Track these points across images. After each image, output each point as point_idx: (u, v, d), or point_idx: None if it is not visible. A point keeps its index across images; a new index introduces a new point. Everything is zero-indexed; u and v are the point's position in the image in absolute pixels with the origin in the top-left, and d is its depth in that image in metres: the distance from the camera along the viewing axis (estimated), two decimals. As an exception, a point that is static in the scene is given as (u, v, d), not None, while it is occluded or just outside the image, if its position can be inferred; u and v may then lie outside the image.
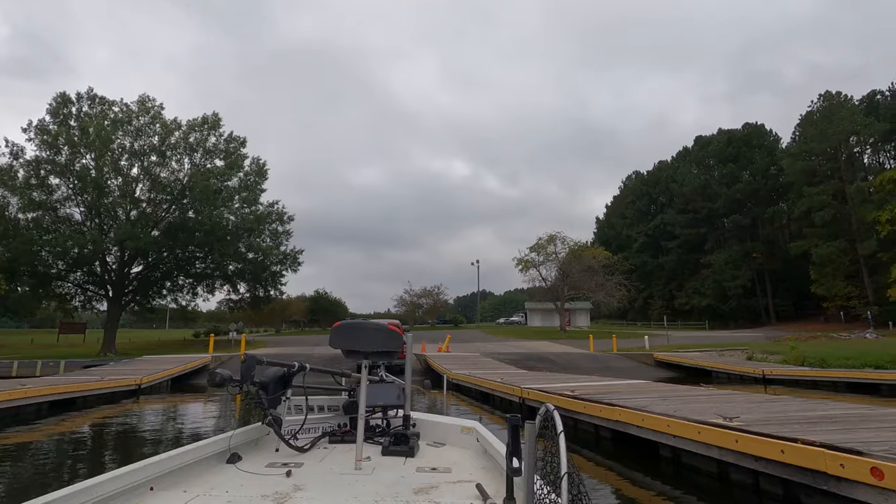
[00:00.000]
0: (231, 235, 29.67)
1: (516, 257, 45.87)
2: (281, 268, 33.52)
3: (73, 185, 27.28)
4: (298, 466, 2.86)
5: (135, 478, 2.30)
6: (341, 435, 3.57)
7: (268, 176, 33.28)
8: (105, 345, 27.83)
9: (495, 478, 2.62)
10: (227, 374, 3.05)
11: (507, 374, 11.69)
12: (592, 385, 9.20)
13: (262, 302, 35.01)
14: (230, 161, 30.72)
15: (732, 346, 20.73)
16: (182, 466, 2.62)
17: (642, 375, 16.16)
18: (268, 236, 32.89)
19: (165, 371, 12.80)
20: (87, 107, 29.43)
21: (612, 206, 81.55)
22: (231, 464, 2.88)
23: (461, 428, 3.54)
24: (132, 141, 29.31)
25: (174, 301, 34.67)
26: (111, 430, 7.99)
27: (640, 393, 7.73)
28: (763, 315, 53.16)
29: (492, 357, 18.30)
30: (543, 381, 9.91)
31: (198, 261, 31.46)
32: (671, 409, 5.82)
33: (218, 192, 28.87)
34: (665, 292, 63.63)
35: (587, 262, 42.85)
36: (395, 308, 64.28)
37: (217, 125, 31.03)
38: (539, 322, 61.95)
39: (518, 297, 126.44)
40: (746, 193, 54.32)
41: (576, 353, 21.33)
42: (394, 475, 2.73)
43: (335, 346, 3.14)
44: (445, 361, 15.19)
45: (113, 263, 29.52)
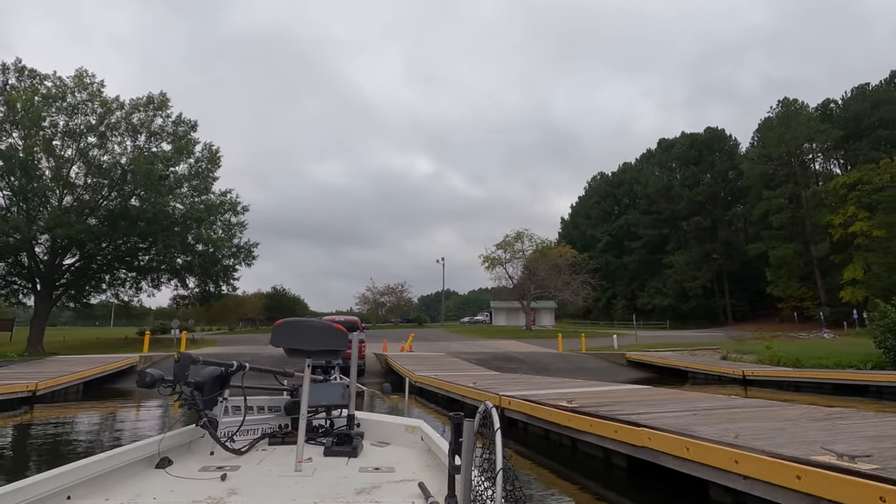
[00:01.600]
0: (178, 225, 27.40)
1: (482, 254, 45.20)
2: (234, 261, 31.43)
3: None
4: (234, 469, 2.74)
5: (49, 486, 2.13)
6: (282, 436, 3.45)
7: (221, 164, 31.14)
8: (31, 343, 25.15)
9: (438, 476, 2.57)
10: (157, 373, 2.88)
11: (480, 378, 10.45)
12: (585, 392, 7.87)
13: (213, 297, 32.71)
14: (178, 146, 28.37)
15: (702, 346, 20.47)
16: (104, 473, 2.44)
17: (616, 376, 15.44)
18: (220, 227, 30.71)
19: (74, 374, 10.84)
20: (15, 79, 26.46)
21: (577, 206, 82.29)
22: (160, 469, 2.71)
23: (406, 427, 3.48)
24: (67, 119, 26.57)
25: (115, 296, 31.95)
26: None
27: (654, 403, 6.23)
28: (721, 315, 54.52)
29: (458, 357, 17.20)
30: (524, 387, 8.61)
31: (141, 252, 28.97)
32: (723, 432, 4.19)
33: (163, 177, 26.55)
34: (628, 292, 64.52)
35: (553, 261, 42.56)
36: (358, 306, 62.49)
37: (164, 105, 28.64)
38: (504, 321, 61.61)
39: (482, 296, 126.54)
40: (707, 196, 55.60)
41: (544, 353, 20.53)
42: (335, 476, 2.67)
43: (277, 345, 2.96)
44: (408, 362, 13.95)
45: (43, 254, 26.73)
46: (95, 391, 11.46)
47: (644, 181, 62.66)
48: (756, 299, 54.15)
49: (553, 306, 58.16)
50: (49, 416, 8.48)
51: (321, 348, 2.94)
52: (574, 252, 44.90)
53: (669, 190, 58.21)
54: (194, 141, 29.56)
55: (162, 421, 8.14)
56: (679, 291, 54.38)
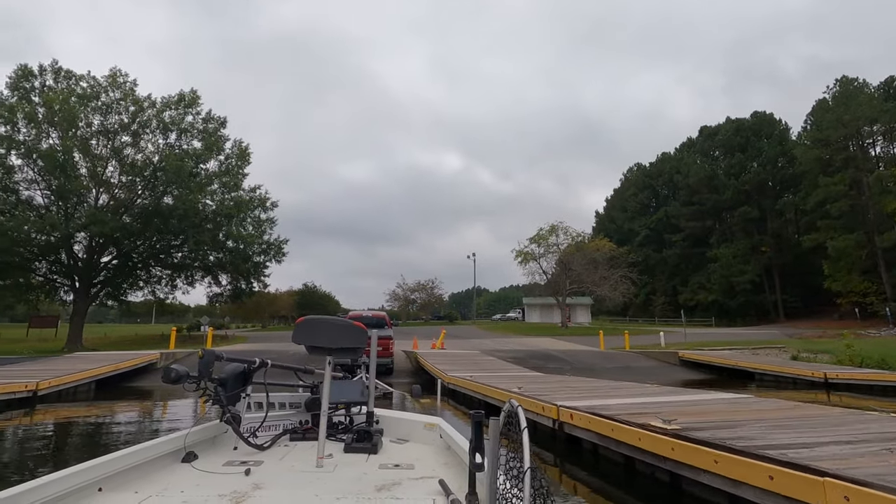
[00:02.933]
0: (208, 222, 27.38)
1: (515, 249, 43.76)
2: (264, 258, 31.30)
3: (34, 165, 24.87)
4: (258, 465, 2.75)
5: (82, 478, 2.16)
6: (303, 432, 3.49)
7: (250, 160, 31.02)
8: (70, 339, 25.63)
9: (458, 474, 2.55)
10: (183, 370, 2.93)
11: (523, 380, 9.07)
12: (670, 402, 5.96)
13: (244, 294, 32.70)
14: (208, 142, 28.35)
15: (762, 345, 18.60)
16: (133, 466, 2.47)
17: (670, 377, 13.98)
18: (250, 224, 30.61)
19: (82, 372, 10.14)
20: (52, 81, 26.93)
21: (612, 199, 79.46)
22: (186, 463, 2.73)
23: (424, 424, 3.46)
24: (102, 119, 26.89)
25: (152, 294, 32.36)
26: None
27: (794, 425, 4.37)
28: (772, 311, 51.19)
29: (492, 355, 16.07)
30: (583, 393, 6.93)
31: (174, 250, 29.14)
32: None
33: (193, 174, 26.54)
34: (668, 287, 61.61)
35: (590, 255, 40.72)
36: (388, 303, 62.06)
37: (195, 103, 28.66)
38: (537, 318, 60.05)
39: (513, 293, 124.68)
40: (755, 184, 52.22)
41: (586, 352, 19.14)
42: (356, 472, 2.68)
43: (298, 342, 2.91)
44: (440, 360, 12.94)
45: (81, 252, 27.20)
46: (110, 390, 10.84)
47: (685, 171, 59.55)
48: (810, 294, 50.56)
49: (589, 302, 56.14)
50: (45, 420, 7.72)
51: (342, 346, 2.94)
52: (612, 245, 42.86)
53: (713, 179, 55.05)
54: (224, 138, 29.56)
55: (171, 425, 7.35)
56: (725, 286, 51.31)
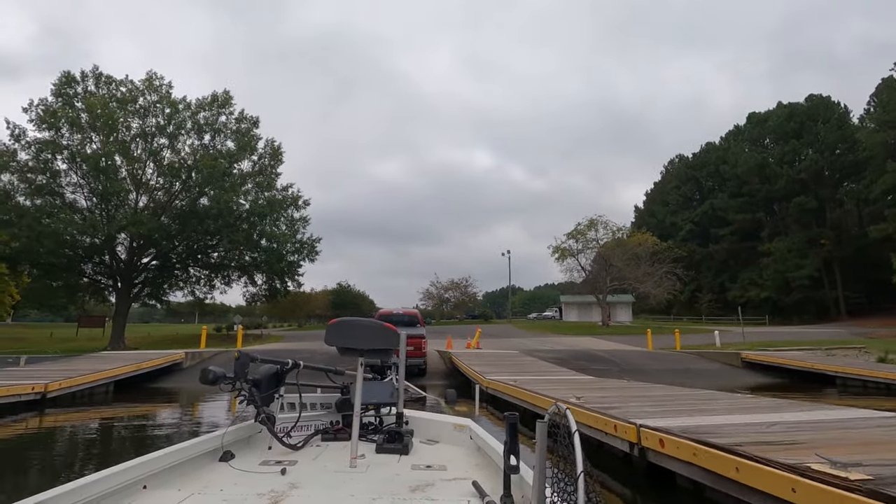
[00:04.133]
0: (242, 221, 27.46)
1: (552, 245, 42.25)
2: (297, 257, 31.22)
3: (78, 169, 25.54)
4: (293, 464, 2.77)
5: (127, 476, 2.19)
6: (334, 433, 3.45)
7: (283, 160, 31.03)
8: (113, 339, 26.23)
9: (490, 476, 2.51)
10: (220, 371, 2.93)
11: (577, 385, 7.67)
12: (801, 422, 4.40)
13: (279, 294, 32.78)
14: (242, 142, 28.46)
15: (837, 345, 16.70)
16: (175, 465, 2.50)
17: (733, 381, 12.57)
18: (283, 223, 30.58)
19: (100, 373, 9.59)
20: (94, 86, 27.58)
21: (652, 192, 76.28)
22: (224, 462, 2.75)
23: (454, 425, 3.41)
24: (141, 122, 27.38)
25: (191, 294, 32.88)
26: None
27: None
28: (832, 309, 47.52)
29: (532, 355, 15.01)
30: (668, 409, 5.26)
31: (210, 250, 29.42)
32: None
33: (227, 174, 26.65)
34: (715, 284, 58.34)
35: (632, 250, 38.76)
36: (422, 302, 61.54)
37: (228, 103, 28.81)
38: (575, 317, 58.20)
39: (549, 292, 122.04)
40: (811, 173, 48.58)
41: (633, 352, 17.76)
42: (389, 473, 2.67)
43: (330, 344, 2.93)
44: (477, 361, 12.02)
45: (122, 253, 27.80)
46: (131, 391, 10.37)
47: (732, 160, 56.19)
48: (875, 290, 46.61)
49: (630, 300, 53.83)
50: (47, 425, 7.08)
51: (373, 347, 2.92)
52: (655, 239, 40.68)
53: (764, 168, 51.63)
54: (257, 137, 29.63)
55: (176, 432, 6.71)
56: (780, 282, 47.96)
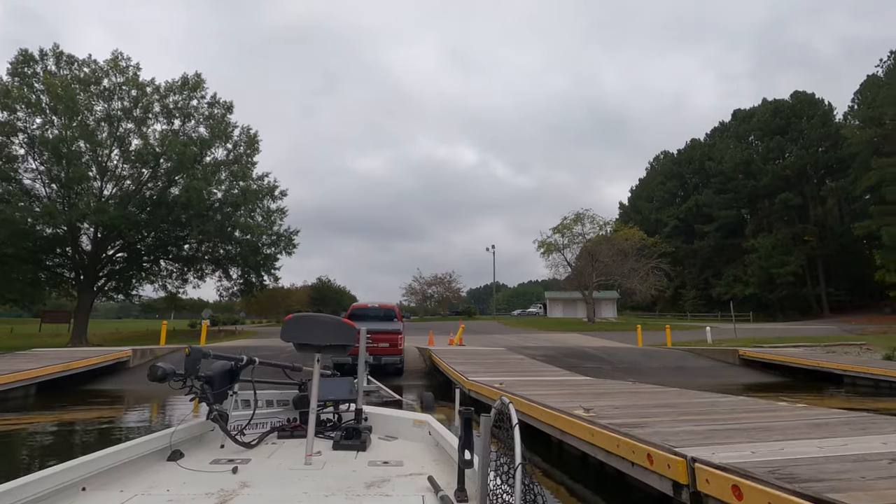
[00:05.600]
0: (215, 212, 25.99)
1: (537, 240, 41.51)
2: (275, 250, 29.83)
3: (38, 154, 23.82)
4: (245, 462, 2.71)
5: (65, 478, 2.09)
6: (291, 430, 3.41)
7: (260, 148, 29.65)
8: (75, 335, 24.64)
9: (447, 470, 2.54)
10: (169, 367, 2.89)
11: (575, 389, 6.42)
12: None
13: (255, 288, 31.35)
14: (215, 129, 26.96)
15: (832, 342, 16.14)
16: (118, 465, 2.41)
17: (731, 379, 11.80)
18: (259, 215, 29.16)
19: (15, 374, 8.15)
20: (54, 66, 25.75)
21: (637, 189, 76.22)
22: (172, 461, 2.67)
23: (413, 421, 3.37)
24: (106, 105, 25.67)
25: (163, 288, 31.25)
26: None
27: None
28: (814, 306, 47.78)
29: (519, 353, 14.09)
30: (715, 426, 3.98)
31: (181, 241, 27.88)
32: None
33: (198, 160, 25.15)
34: (700, 281, 58.38)
35: (618, 245, 38.21)
36: (405, 298, 60.38)
37: (199, 87, 27.22)
38: (560, 313, 57.75)
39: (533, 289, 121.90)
40: (796, 169, 48.66)
41: (623, 349, 16.96)
42: (345, 469, 2.65)
43: (286, 340, 2.83)
44: (459, 360, 11.03)
45: (87, 245, 26.12)
46: (60, 394, 9.05)
47: (717, 157, 56.15)
48: (857, 287, 46.97)
49: (615, 297, 53.52)
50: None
51: (330, 343, 2.85)
52: (642, 234, 40.22)
53: (749, 165, 51.61)
54: (231, 124, 28.17)
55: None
56: (764, 279, 48.02)
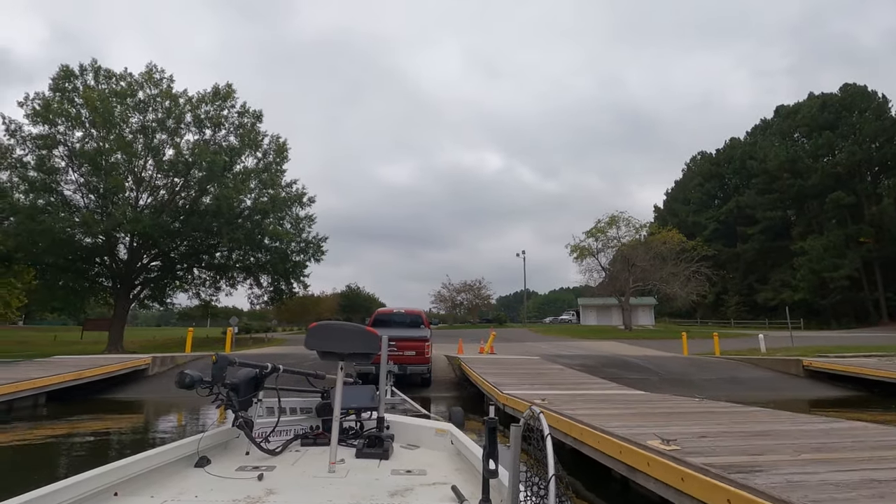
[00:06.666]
0: (245, 219, 26.16)
1: (570, 244, 40.17)
2: (303, 257, 29.83)
3: (77, 166, 24.54)
4: (270, 470, 2.73)
5: (98, 483, 2.12)
6: (314, 437, 3.43)
7: (289, 157, 29.74)
8: (111, 341, 25.07)
9: (470, 480, 2.54)
10: (196, 375, 2.89)
11: (639, 409, 5.15)
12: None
13: (285, 295, 31.42)
14: (244, 137, 27.23)
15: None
16: (148, 471, 2.44)
17: (795, 392, 10.55)
18: (288, 222, 29.24)
19: (19, 383, 7.70)
20: (93, 80, 26.55)
21: (673, 191, 73.52)
22: (200, 468, 2.71)
23: (435, 430, 3.38)
24: (141, 117, 26.29)
25: (196, 296, 31.72)
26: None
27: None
28: (872, 312, 44.47)
29: (556, 362, 13.16)
30: (882, 477, 2.68)
31: (213, 249, 28.20)
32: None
33: (228, 169, 25.42)
34: (743, 286, 55.47)
35: (656, 249, 36.49)
36: (434, 305, 59.71)
37: (230, 96, 27.58)
38: (594, 320, 55.97)
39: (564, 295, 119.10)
40: (848, 166, 45.64)
41: (669, 358, 15.74)
42: (368, 477, 2.66)
43: (310, 348, 2.85)
44: (491, 370, 10.24)
45: (124, 253, 26.71)
46: (74, 403, 8.68)
47: (760, 155, 53.41)
48: (921, 292, 43.53)
49: (653, 303, 51.36)
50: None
51: (353, 351, 2.85)
52: (681, 237, 38.31)
53: (795, 163, 48.81)
54: (261, 133, 28.43)
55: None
56: (815, 284, 45.05)
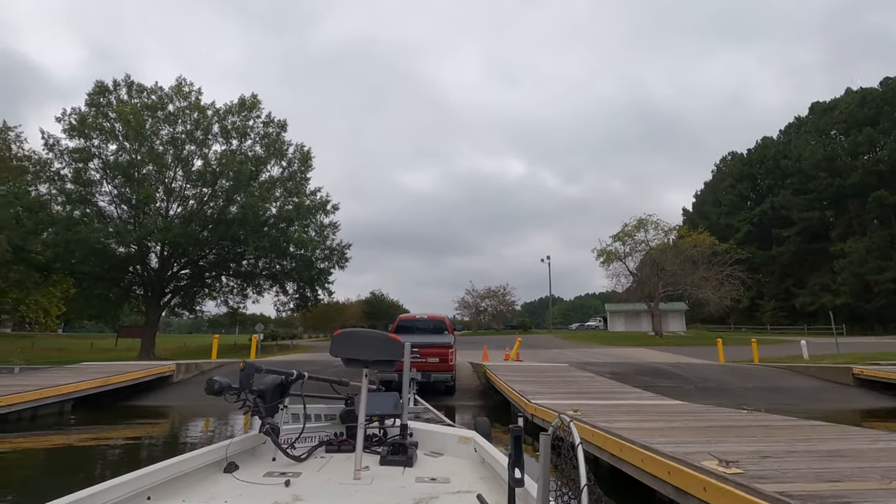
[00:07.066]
0: (271, 227, 26.53)
1: (596, 248, 39.30)
2: (328, 264, 30.05)
3: (111, 178, 25.35)
4: (296, 476, 2.76)
5: (132, 487, 2.17)
6: (338, 444, 3.43)
7: (313, 165, 30.07)
8: (143, 348, 25.67)
9: (494, 488, 2.52)
10: (225, 381, 2.95)
11: (684, 422, 4.76)
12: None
13: (310, 302, 31.67)
14: (270, 146, 27.69)
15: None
16: (179, 475, 2.49)
17: (846, 403, 9.84)
18: (312, 229, 29.52)
19: (44, 390, 7.66)
20: (125, 94, 27.49)
21: (703, 193, 71.49)
22: (228, 473, 2.74)
23: (459, 438, 3.39)
24: (171, 129, 27.05)
25: (224, 303, 32.33)
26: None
27: None
28: (921, 316, 42.02)
29: (584, 369, 12.69)
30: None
31: (240, 257, 28.69)
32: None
33: (254, 178, 25.86)
34: (780, 290, 53.26)
35: (686, 252, 35.34)
36: (458, 311, 59.31)
37: (255, 107, 28.14)
38: (622, 326, 54.66)
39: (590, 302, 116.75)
40: (892, 163, 43.43)
41: (703, 365, 15.03)
42: (393, 485, 2.64)
43: (335, 355, 2.87)
44: (518, 377, 9.90)
45: (155, 262, 27.42)
46: (98, 411, 8.68)
47: (795, 155, 51.42)
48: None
49: (683, 308, 49.82)
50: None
51: (377, 358, 2.86)
52: (713, 240, 37.01)
53: (833, 161, 46.77)
54: (286, 142, 28.86)
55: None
56: (858, 287, 42.86)
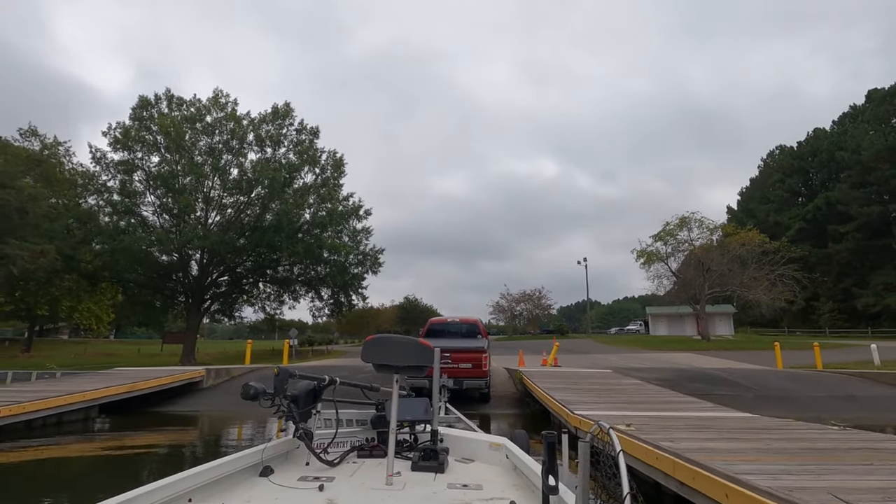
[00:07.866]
0: (305, 234, 26.82)
1: (636, 249, 37.80)
2: (361, 269, 30.13)
3: (154, 189, 26.28)
4: (330, 480, 2.74)
5: (174, 489, 2.20)
6: (370, 449, 3.41)
7: (346, 171, 30.28)
8: (184, 354, 26.39)
9: (527, 496, 2.44)
10: (260, 387, 2.99)
11: (783, 443, 4.22)
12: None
13: (344, 308, 31.83)
14: (303, 153, 28.05)
15: None
16: (219, 479, 2.51)
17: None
18: (345, 235, 29.68)
19: (69, 396, 7.63)
20: (166, 107, 28.50)
21: (749, 189, 68.01)
22: (264, 477, 2.73)
23: (490, 444, 3.31)
24: (208, 139, 27.81)
25: (261, 309, 32.98)
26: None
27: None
28: None
29: (629, 375, 11.87)
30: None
31: (276, 264, 29.14)
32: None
33: (287, 185, 26.22)
34: (837, 291, 49.78)
35: (733, 251, 33.42)
36: (492, 316, 58.47)
37: (288, 115, 28.60)
38: (665, 330, 52.44)
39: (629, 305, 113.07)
40: (963, 152, 39.95)
41: (761, 371, 13.86)
42: (425, 491, 2.61)
43: (366, 361, 2.87)
44: (558, 384, 9.24)
45: (194, 270, 28.20)
46: (127, 417, 8.64)
47: (852, 146, 48.10)
48: None
49: (731, 311, 47.32)
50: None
51: (408, 363, 2.86)
52: (764, 238, 34.86)
53: (895, 152, 43.43)
54: (318, 149, 29.17)
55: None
56: (928, 286, 39.54)
